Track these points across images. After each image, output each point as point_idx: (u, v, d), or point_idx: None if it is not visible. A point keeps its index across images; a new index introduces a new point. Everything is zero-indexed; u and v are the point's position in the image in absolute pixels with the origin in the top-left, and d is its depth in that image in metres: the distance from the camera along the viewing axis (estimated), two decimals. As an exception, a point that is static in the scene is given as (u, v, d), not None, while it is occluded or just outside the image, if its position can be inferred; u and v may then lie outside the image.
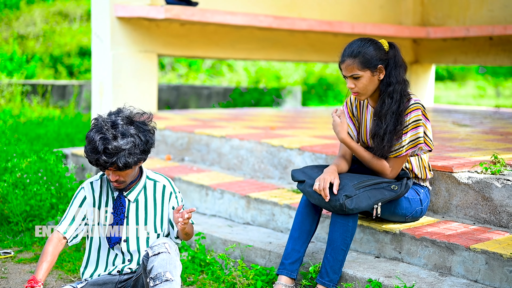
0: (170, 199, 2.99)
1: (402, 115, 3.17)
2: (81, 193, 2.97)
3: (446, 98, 14.17)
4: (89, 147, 2.75)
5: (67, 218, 2.95)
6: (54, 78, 13.85)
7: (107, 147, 2.71)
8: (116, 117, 2.79)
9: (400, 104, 3.17)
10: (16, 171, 4.45)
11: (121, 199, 2.94)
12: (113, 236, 2.94)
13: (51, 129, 7.42)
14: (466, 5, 7.53)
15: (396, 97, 3.16)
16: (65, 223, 2.94)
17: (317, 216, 3.27)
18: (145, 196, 2.97)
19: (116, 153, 2.71)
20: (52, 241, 2.90)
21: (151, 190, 2.98)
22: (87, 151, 2.77)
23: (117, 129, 2.74)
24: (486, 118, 6.85)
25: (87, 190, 2.97)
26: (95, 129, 2.77)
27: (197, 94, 11.70)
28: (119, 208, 2.94)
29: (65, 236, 2.92)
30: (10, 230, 4.25)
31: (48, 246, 2.88)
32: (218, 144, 5.09)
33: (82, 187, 2.98)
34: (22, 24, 15.41)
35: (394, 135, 3.17)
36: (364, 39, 3.20)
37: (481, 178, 3.44)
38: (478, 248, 3.02)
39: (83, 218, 2.95)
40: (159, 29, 6.21)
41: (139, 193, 2.96)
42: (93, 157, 2.73)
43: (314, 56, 7.71)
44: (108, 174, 2.82)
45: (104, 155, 2.71)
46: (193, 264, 3.67)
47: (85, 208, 2.95)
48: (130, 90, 5.98)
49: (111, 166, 2.74)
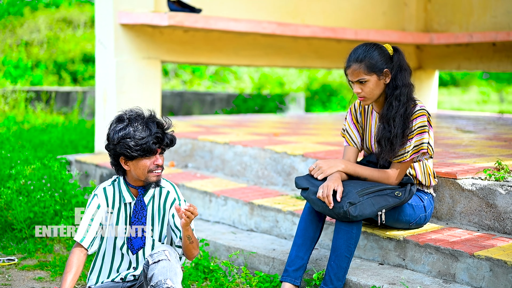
0: (172, 205, 2.96)
1: (408, 118, 3.17)
2: (95, 201, 2.95)
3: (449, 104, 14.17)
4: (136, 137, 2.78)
5: (82, 227, 2.93)
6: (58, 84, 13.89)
7: (160, 123, 2.84)
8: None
9: (407, 107, 3.18)
10: (20, 177, 4.46)
11: (142, 203, 2.93)
12: (135, 240, 2.93)
13: (54, 136, 7.43)
14: (469, 12, 7.53)
15: (403, 100, 3.18)
16: (80, 232, 2.92)
17: (320, 223, 3.27)
18: (153, 202, 2.97)
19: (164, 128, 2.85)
20: (74, 252, 2.89)
21: (158, 196, 2.98)
22: (128, 146, 2.78)
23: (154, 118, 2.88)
24: (490, 124, 6.85)
25: (100, 197, 2.96)
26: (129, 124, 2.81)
27: (200, 100, 11.71)
28: (140, 212, 2.94)
29: (82, 244, 2.91)
30: (14, 237, 4.25)
31: (71, 257, 2.88)
32: (221, 151, 5.09)
33: (95, 194, 2.96)
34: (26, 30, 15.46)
35: (402, 138, 3.17)
36: (368, 44, 3.22)
37: (485, 185, 3.43)
38: (482, 255, 3.01)
39: (99, 225, 2.94)
40: (162, 36, 6.23)
41: (150, 199, 2.96)
42: (146, 139, 2.77)
43: (317, 63, 7.71)
44: (155, 159, 2.84)
45: (156, 138, 2.80)
46: (197, 271, 3.66)
47: (99, 215, 2.94)
48: (133, 96, 5.99)
49: (163, 141, 2.83)
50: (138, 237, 2.94)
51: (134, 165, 2.84)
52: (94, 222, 2.92)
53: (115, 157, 2.86)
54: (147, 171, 2.84)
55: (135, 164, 2.84)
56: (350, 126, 3.44)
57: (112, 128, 2.84)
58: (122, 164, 2.87)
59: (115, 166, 2.91)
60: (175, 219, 2.93)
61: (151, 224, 2.96)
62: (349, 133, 3.44)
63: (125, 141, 2.78)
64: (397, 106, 3.17)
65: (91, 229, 2.92)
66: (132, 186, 2.92)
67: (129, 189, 2.94)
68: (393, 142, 3.18)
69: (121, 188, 2.94)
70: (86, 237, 2.91)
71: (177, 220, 2.92)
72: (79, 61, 14.69)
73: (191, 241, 2.86)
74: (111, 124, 2.88)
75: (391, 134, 3.17)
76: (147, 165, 2.83)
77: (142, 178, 2.86)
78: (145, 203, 2.93)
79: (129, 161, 2.85)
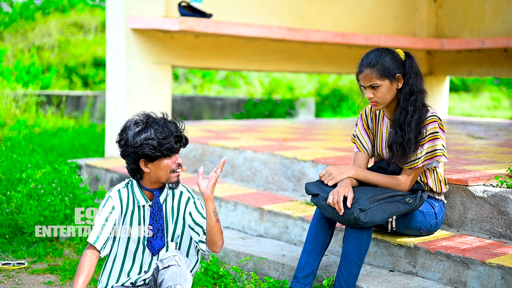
0: (187, 204, 2.97)
1: (422, 124, 3.16)
2: (109, 203, 2.95)
3: (460, 109, 14.11)
4: (159, 138, 2.82)
5: (95, 229, 2.93)
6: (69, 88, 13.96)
7: (176, 124, 2.91)
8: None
9: (421, 113, 3.17)
10: (30, 181, 4.47)
11: (159, 205, 2.94)
12: (155, 242, 2.94)
13: (65, 140, 7.46)
14: (480, 17, 7.51)
15: (418, 106, 3.17)
16: (94, 234, 2.92)
17: (331, 229, 3.25)
18: (166, 203, 2.97)
19: (180, 131, 2.92)
20: (86, 254, 2.89)
21: (171, 198, 2.98)
22: (152, 146, 2.82)
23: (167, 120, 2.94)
24: (501, 130, 6.81)
25: (115, 199, 2.96)
26: (148, 127, 2.86)
27: (210, 105, 11.73)
28: (158, 214, 2.94)
29: (95, 245, 2.90)
30: (24, 240, 4.26)
31: (83, 259, 2.88)
32: (231, 156, 5.08)
33: (110, 196, 2.96)
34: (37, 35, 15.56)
35: (414, 144, 3.16)
36: (380, 49, 3.21)
37: (496, 192, 3.41)
38: (493, 263, 2.98)
39: (112, 227, 2.95)
40: (173, 41, 6.24)
41: (164, 201, 2.96)
42: (169, 139, 2.84)
43: (328, 68, 7.71)
44: (176, 159, 2.88)
45: (175, 142, 2.87)
46: (206, 276, 3.66)
47: (113, 217, 2.94)
48: (144, 101, 6.01)
49: (181, 142, 2.90)
50: (158, 239, 2.95)
51: (155, 167, 2.86)
52: (108, 224, 2.92)
53: (135, 160, 2.87)
54: (170, 171, 2.87)
55: (156, 165, 2.86)
56: (361, 132, 3.43)
57: (131, 132, 2.85)
58: (142, 167, 2.88)
59: (134, 170, 2.91)
60: (193, 216, 2.94)
61: (166, 227, 2.97)
62: (360, 139, 3.43)
63: (148, 142, 2.81)
64: (412, 112, 3.16)
65: (104, 231, 2.92)
66: (147, 189, 2.94)
67: (142, 192, 2.95)
68: (405, 147, 3.16)
69: (135, 191, 2.95)
70: (99, 238, 2.91)
71: (195, 216, 2.94)
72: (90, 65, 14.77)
73: (217, 219, 2.87)
74: (126, 128, 2.88)
75: (404, 140, 3.16)
76: (169, 165, 2.86)
77: (163, 179, 2.88)
78: (161, 206, 2.94)
79: (149, 163, 2.87)
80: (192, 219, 2.95)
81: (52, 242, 4.27)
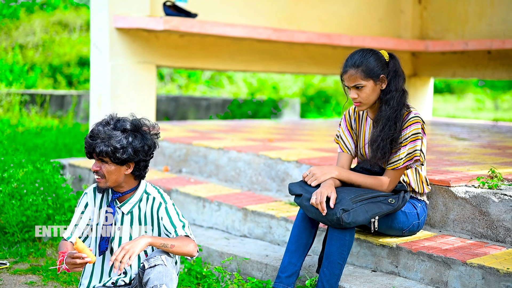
0: (159, 210, 2.93)
1: (397, 123, 3.18)
2: (84, 199, 3.00)
3: (444, 111, 14.19)
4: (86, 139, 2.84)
5: (71, 224, 2.98)
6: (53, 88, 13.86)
7: (94, 129, 2.80)
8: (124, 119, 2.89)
9: (396, 111, 3.18)
10: (13, 181, 4.44)
11: (111, 207, 2.93)
12: (102, 242, 2.93)
13: (49, 139, 7.41)
14: (465, 19, 7.56)
15: (392, 104, 3.19)
16: (69, 229, 2.98)
17: (314, 230, 3.26)
18: (139, 209, 2.95)
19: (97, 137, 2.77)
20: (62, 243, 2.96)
21: (144, 204, 2.96)
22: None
23: (118, 123, 2.82)
24: (484, 132, 6.86)
25: (89, 196, 2.99)
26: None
27: (195, 105, 11.71)
28: (111, 216, 2.94)
29: (69, 241, 2.95)
30: (6, 240, 4.23)
31: (60, 243, 2.95)
32: (215, 156, 5.08)
33: (86, 193, 3.01)
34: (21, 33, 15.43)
35: (388, 143, 3.17)
36: (365, 50, 3.23)
37: (478, 193, 3.43)
38: (474, 263, 3.01)
39: (87, 223, 2.96)
40: (158, 41, 6.23)
41: (133, 206, 2.94)
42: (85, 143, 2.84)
43: (313, 69, 7.72)
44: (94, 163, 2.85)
45: (89, 137, 2.80)
46: (189, 276, 3.65)
47: (87, 214, 2.97)
48: (128, 101, 5.98)
49: (91, 149, 2.79)
50: (103, 240, 2.94)
51: None
52: (82, 220, 2.96)
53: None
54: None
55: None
56: (344, 133, 3.44)
57: None
58: None
59: None
60: (163, 222, 2.92)
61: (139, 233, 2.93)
62: (343, 139, 3.44)
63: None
64: (386, 110, 3.19)
65: (78, 227, 2.97)
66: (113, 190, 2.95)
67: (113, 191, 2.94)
68: (385, 146, 3.18)
69: (108, 190, 2.95)
70: (73, 234, 2.96)
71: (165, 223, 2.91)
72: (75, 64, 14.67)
73: (171, 245, 2.78)
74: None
75: (384, 139, 3.18)
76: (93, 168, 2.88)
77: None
78: (114, 208, 2.92)
79: None
80: (163, 225, 2.92)
81: (35, 242, 4.25)
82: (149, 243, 2.74)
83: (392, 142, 3.19)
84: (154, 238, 2.77)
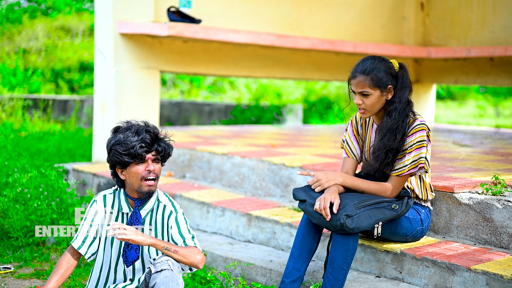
0: (169, 218, 2.95)
1: (398, 134, 3.19)
2: (93, 207, 2.97)
3: (446, 117, 14.20)
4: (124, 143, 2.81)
5: (81, 233, 2.96)
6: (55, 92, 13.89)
7: (151, 131, 2.85)
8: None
9: (398, 122, 3.19)
10: (17, 186, 4.45)
11: (137, 214, 2.93)
12: (129, 252, 2.93)
13: (52, 144, 7.42)
14: (467, 26, 7.58)
15: (394, 116, 3.20)
16: (79, 238, 2.95)
17: (318, 235, 3.27)
18: (151, 217, 2.96)
19: (157, 138, 2.87)
20: (66, 255, 2.93)
21: (155, 210, 2.97)
22: (118, 152, 2.81)
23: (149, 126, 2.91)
24: (487, 138, 6.87)
25: (99, 204, 2.97)
26: (127, 130, 2.85)
27: (198, 110, 11.73)
28: (135, 224, 2.93)
29: (80, 251, 2.93)
30: (10, 245, 4.24)
31: (61, 259, 2.91)
32: (219, 162, 5.09)
33: (95, 201, 2.99)
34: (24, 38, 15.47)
35: (384, 153, 3.19)
36: (376, 58, 3.24)
37: (482, 199, 3.44)
38: (478, 269, 3.01)
39: (97, 231, 2.95)
40: (162, 46, 6.25)
41: (148, 213, 2.95)
42: (133, 144, 2.80)
43: (316, 75, 7.74)
44: (147, 165, 2.84)
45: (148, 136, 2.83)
46: (194, 281, 3.66)
47: (96, 222, 2.96)
48: (132, 106, 6.00)
49: (153, 147, 2.83)
50: (133, 250, 2.94)
51: (128, 173, 2.87)
52: (92, 228, 2.94)
53: (112, 166, 2.91)
54: (140, 179, 2.86)
55: (128, 172, 2.87)
56: (351, 138, 3.45)
57: (109, 139, 2.88)
58: (119, 174, 2.89)
59: (115, 178, 2.95)
60: (172, 231, 2.92)
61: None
62: (349, 144, 3.45)
63: (115, 148, 2.83)
64: (387, 121, 3.21)
65: (89, 235, 2.95)
66: (130, 197, 2.94)
67: (127, 200, 2.95)
68: (388, 154, 3.19)
69: (120, 198, 2.95)
70: (83, 245, 2.94)
71: (173, 232, 2.92)
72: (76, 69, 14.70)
73: (174, 251, 2.79)
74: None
75: (387, 147, 3.19)
76: (139, 172, 2.85)
77: (135, 186, 2.88)
78: (141, 216, 2.93)
79: (124, 170, 2.88)
80: (171, 234, 2.93)
81: (39, 247, 4.26)
82: (151, 243, 2.75)
83: (389, 152, 3.20)
84: (158, 240, 2.78)
